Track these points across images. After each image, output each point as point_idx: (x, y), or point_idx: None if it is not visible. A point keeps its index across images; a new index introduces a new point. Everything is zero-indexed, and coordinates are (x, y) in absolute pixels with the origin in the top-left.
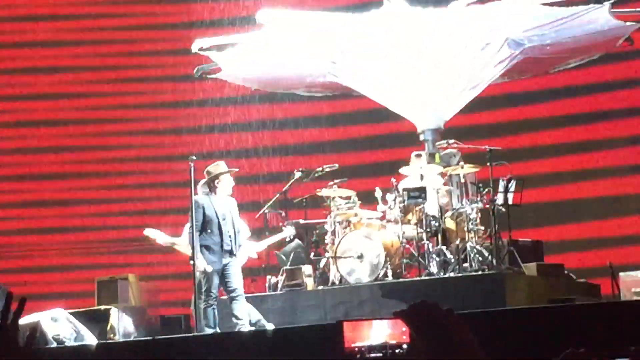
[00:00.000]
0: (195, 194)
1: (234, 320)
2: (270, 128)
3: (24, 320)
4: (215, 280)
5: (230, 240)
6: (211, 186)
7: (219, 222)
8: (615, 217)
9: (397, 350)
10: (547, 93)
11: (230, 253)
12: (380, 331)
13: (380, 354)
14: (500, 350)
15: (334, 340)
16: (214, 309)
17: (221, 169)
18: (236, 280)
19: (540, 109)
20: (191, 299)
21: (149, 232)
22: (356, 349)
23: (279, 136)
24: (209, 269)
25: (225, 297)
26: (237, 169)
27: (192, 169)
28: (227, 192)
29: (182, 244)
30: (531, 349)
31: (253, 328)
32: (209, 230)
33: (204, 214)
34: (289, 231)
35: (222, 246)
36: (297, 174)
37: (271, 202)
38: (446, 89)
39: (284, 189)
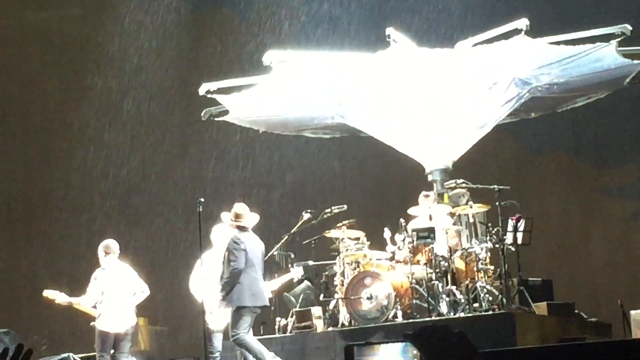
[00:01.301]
0: (209, 236)
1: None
2: (279, 169)
3: None
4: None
5: None
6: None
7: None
8: (626, 255)
9: None
10: (555, 131)
11: None
12: (391, 356)
13: None
14: None
15: None
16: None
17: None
18: None
19: (548, 147)
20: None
21: (48, 293)
22: None
23: (286, 177)
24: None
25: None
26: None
27: (201, 211)
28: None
29: (84, 302)
30: None
31: None
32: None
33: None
34: (297, 272)
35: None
36: (306, 216)
37: (280, 243)
38: (454, 129)
39: (292, 231)
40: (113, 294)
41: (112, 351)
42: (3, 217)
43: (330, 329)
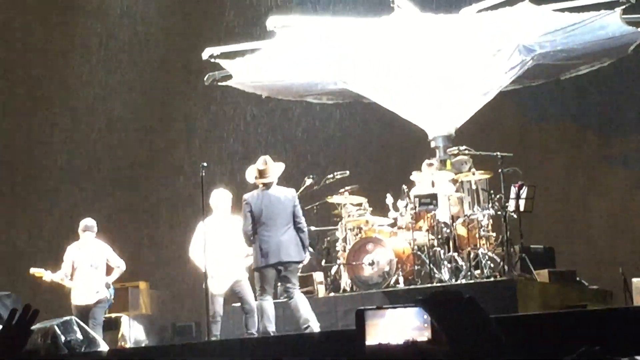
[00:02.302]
0: (208, 201)
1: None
2: (281, 134)
3: (36, 327)
4: None
5: None
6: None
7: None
8: (627, 223)
9: (419, 339)
10: (558, 99)
11: None
12: (402, 321)
13: (402, 344)
14: (512, 356)
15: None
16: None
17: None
18: None
19: (551, 115)
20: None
21: (34, 271)
22: (378, 345)
23: (289, 143)
24: (216, 292)
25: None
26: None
27: (204, 176)
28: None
29: (55, 277)
30: (543, 355)
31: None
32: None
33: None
34: None
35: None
36: (308, 181)
37: None
38: (457, 95)
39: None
40: (82, 268)
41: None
42: (4, 179)
43: (332, 294)
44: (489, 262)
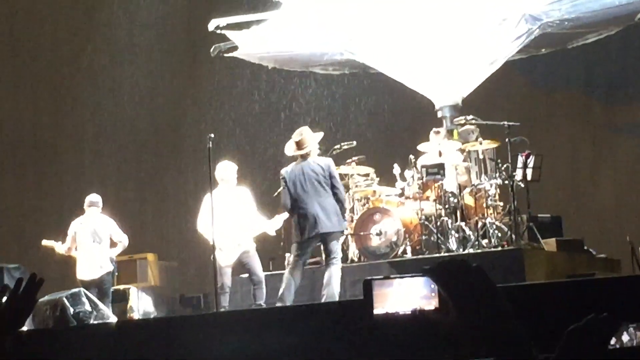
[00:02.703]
0: (214, 174)
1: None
2: (287, 105)
3: (44, 299)
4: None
5: None
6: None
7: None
8: (635, 192)
9: (426, 308)
10: (565, 68)
11: None
12: (409, 290)
13: (409, 313)
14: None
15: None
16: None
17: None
18: None
19: (558, 84)
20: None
21: (47, 243)
22: (386, 314)
23: (295, 114)
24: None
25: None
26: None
27: (211, 147)
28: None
29: (61, 249)
30: (550, 324)
31: None
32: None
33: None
34: None
35: None
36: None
37: None
38: (464, 65)
39: None
40: (84, 243)
41: None
42: (11, 157)
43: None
44: (496, 231)
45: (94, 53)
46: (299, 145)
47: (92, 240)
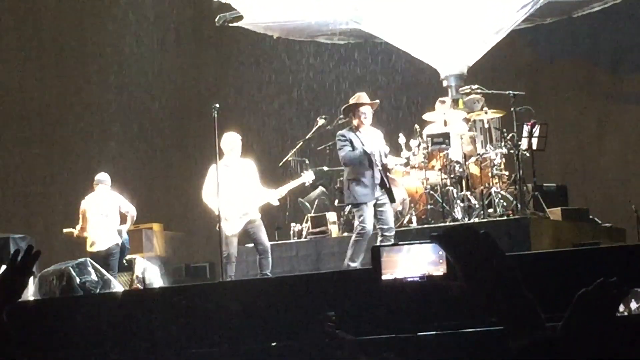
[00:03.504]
0: (219, 144)
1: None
2: (293, 75)
3: (51, 269)
4: (370, 211)
5: (381, 174)
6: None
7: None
8: None
9: (434, 274)
10: (570, 37)
11: (382, 186)
12: (417, 257)
13: (418, 279)
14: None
15: (371, 272)
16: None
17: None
18: (390, 218)
19: (563, 53)
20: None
21: (67, 231)
22: (394, 280)
23: (300, 83)
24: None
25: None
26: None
27: (216, 117)
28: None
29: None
30: (556, 292)
31: None
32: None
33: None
34: (308, 176)
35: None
36: (321, 121)
37: (294, 150)
38: (469, 34)
39: (307, 137)
40: (93, 218)
41: None
42: (19, 129)
43: (345, 234)
44: (501, 200)
45: (99, 27)
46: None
47: (100, 214)
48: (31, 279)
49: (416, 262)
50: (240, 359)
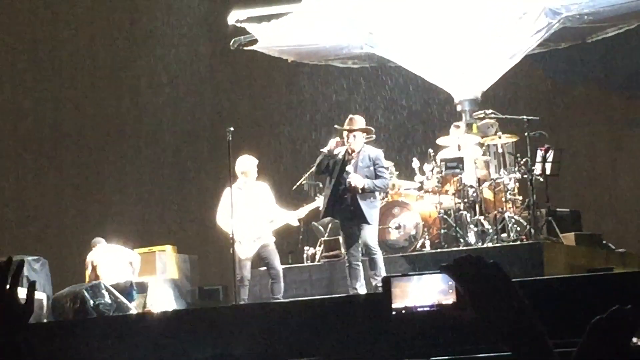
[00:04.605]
0: (234, 167)
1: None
2: (305, 99)
3: (65, 291)
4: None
5: None
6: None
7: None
8: None
9: (444, 302)
10: (585, 62)
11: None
12: (427, 286)
13: (428, 309)
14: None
15: (382, 301)
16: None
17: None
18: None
19: (578, 78)
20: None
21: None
22: (404, 309)
23: (313, 107)
24: (243, 256)
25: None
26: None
27: (230, 140)
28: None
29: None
30: (569, 318)
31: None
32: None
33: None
34: (322, 201)
35: None
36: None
37: (308, 173)
38: (483, 59)
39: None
40: (103, 268)
41: None
42: (33, 151)
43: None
44: (515, 225)
45: (113, 44)
46: (368, 132)
47: (108, 261)
48: (45, 301)
49: (427, 291)
50: None
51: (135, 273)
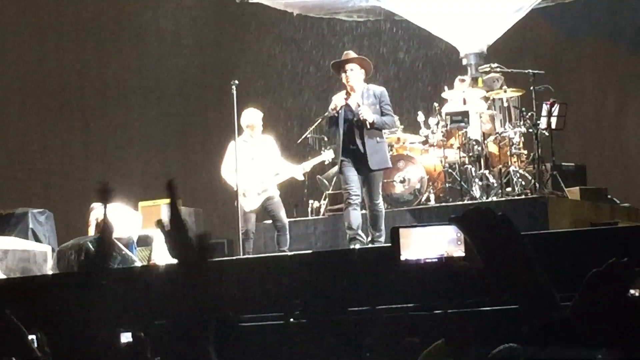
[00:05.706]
0: (239, 121)
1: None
2: (309, 52)
3: (69, 243)
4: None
5: None
6: None
7: None
8: None
9: (453, 254)
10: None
11: None
12: (436, 237)
13: (437, 260)
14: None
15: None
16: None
17: None
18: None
19: (583, 32)
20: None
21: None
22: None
23: (318, 61)
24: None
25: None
26: None
27: (235, 94)
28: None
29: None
30: (573, 272)
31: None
32: None
33: None
34: (328, 155)
35: None
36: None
37: (313, 126)
38: (489, 12)
39: (326, 114)
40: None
41: None
42: (37, 103)
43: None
44: (520, 179)
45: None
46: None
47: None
48: (50, 253)
49: (435, 243)
50: (258, 335)
51: (136, 231)
